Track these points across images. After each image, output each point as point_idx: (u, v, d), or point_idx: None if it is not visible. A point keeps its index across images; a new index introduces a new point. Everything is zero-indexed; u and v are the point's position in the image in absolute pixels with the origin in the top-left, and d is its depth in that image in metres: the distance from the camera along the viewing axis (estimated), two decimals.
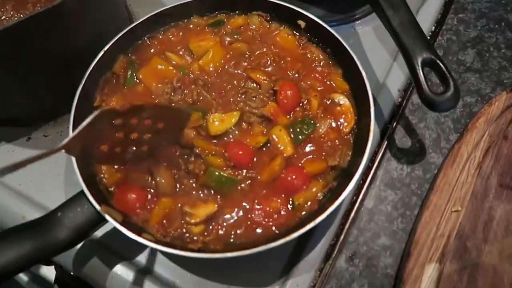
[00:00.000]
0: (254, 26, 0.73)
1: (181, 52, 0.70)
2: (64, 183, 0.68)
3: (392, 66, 0.77)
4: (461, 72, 0.76)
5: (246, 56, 0.70)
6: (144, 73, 0.67)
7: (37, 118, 0.73)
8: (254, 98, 0.64)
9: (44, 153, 0.45)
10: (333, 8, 0.83)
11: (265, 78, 0.66)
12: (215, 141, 0.61)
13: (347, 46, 0.66)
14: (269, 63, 0.69)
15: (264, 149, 0.61)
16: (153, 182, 0.59)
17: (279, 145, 0.61)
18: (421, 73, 0.59)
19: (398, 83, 0.74)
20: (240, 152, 0.60)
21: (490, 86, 0.74)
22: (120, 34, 0.68)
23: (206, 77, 0.68)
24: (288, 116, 0.64)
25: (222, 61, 0.69)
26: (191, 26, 0.73)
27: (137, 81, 0.67)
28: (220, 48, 0.70)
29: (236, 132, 0.62)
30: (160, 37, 0.72)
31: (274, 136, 0.62)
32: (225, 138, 0.62)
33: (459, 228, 0.58)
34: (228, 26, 0.73)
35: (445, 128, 0.70)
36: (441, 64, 0.59)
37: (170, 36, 0.72)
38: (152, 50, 0.70)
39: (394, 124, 0.71)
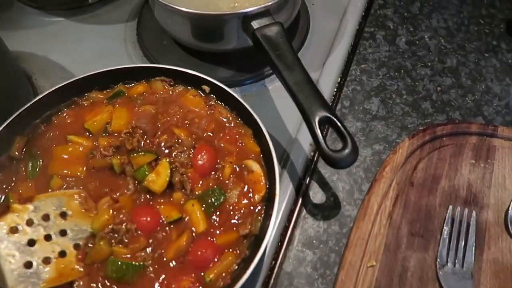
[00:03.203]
0: (157, 91, 0.72)
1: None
2: None
3: (303, 121, 0.77)
4: (368, 121, 0.78)
5: (154, 117, 0.68)
6: (54, 168, 0.62)
7: None
8: (181, 153, 0.63)
9: None
10: (242, 68, 0.84)
11: (187, 135, 0.65)
12: None
13: (250, 110, 0.66)
14: (180, 123, 0.68)
15: (172, 226, 0.58)
16: None
17: (190, 221, 0.59)
18: (319, 131, 0.59)
19: (309, 137, 0.75)
20: (148, 218, 0.57)
21: (396, 132, 0.76)
22: (15, 114, 0.64)
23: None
24: (200, 183, 0.62)
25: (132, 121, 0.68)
26: (90, 101, 0.71)
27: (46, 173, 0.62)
28: (122, 111, 0.68)
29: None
30: (55, 121, 0.68)
31: (187, 212, 0.59)
32: None
33: (375, 285, 0.57)
34: (129, 94, 0.71)
35: (357, 178, 0.71)
36: (337, 122, 0.60)
37: (66, 118, 0.69)
38: (48, 135, 0.66)
39: (308, 179, 0.71)
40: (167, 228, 0.58)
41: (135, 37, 0.93)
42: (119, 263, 0.54)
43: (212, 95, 0.71)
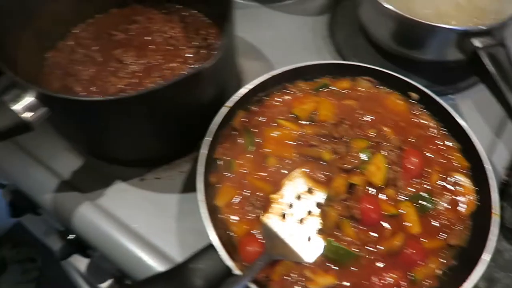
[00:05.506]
0: (361, 89, 0.76)
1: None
2: (176, 227, 0.71)
3: (495, 142, 0.78)
4: None
5: (357, 114, 0.72)
6: (269, 148, 0.69)
7: (155, 161, 0.77)
8: (391, 151, 0.66)
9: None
10: (435, 78, 0.85)
11: (395, 135, 0.69)
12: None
13: (466, 126, 0.67)
14: (385, 123, 0.71)
15: (388, 221, 0.62)
16: None
17: (405, 221, 0.62)
18: None
19: (503, 160, 0.75)
20: (371, 208, 0.61)
21: None
22: (246, 91, 0.71)
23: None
24: (409, 186, 0.65)
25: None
26: (296, 89, 0.76)
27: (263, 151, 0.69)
28: (327, 103, 0.73)
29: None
30: (266, 103, 0.74)
31: (402, 211, 0.63)
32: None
33: None
34: (332, 87, 0.76)
35: None
36: None
37: (276, 102, 0.75)
38: (260, 115, 0.73)
39: (503, 203, 0.71)
40: (382, 223, 0.62)
41: (325, 31, 0.97)
42: (337, 246, 0.59)
43: (416, 102, 0.73)
